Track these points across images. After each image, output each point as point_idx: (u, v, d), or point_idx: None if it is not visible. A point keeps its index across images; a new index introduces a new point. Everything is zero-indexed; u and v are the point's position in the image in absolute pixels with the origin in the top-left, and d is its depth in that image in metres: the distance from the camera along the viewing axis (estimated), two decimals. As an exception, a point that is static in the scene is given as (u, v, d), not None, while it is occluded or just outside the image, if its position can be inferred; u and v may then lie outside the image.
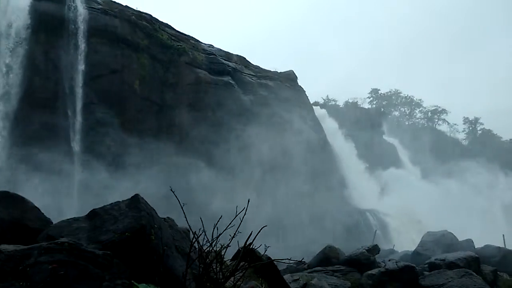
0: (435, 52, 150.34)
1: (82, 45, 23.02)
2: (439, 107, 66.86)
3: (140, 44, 25.86)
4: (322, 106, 49.04)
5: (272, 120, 31.85)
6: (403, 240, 29.33)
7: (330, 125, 40.59)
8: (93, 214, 4.43)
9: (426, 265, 14.39)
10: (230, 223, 2.85)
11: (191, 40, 30.05)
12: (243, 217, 2.95)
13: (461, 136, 68.90)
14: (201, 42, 31.36)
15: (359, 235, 28.10)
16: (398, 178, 41.29)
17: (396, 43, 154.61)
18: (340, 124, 42.95)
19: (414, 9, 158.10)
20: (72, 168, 20.69)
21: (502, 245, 19.51)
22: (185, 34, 30.11)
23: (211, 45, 32.13)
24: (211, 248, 3.09)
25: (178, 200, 3.11)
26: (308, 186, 30.88)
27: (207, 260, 3.10)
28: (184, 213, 3.15)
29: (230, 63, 31.68)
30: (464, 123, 69.37)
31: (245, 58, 33.99)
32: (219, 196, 22.54)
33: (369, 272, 12.58)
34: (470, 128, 69.23)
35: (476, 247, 18.71)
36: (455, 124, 68.42)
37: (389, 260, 13.79)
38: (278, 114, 32.79)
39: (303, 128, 34.06)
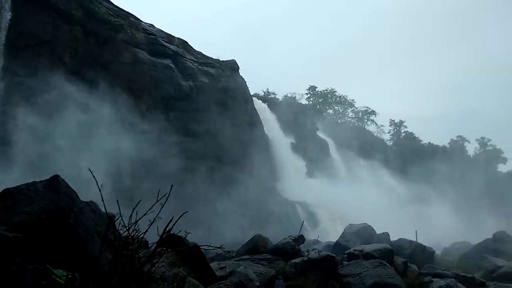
0: (370, 57, 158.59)
1: (6, 11, 20.92)
2: (369, 108, 70.84)
3: (74, 15, 24.11)
4: (262, 98, 49.53)
5: (211, 108, 31.64)
6: (328, 231, 30.89)
7: (268, 117, 41.26)
8: (6, 194, 4.11)
9: (346, 255, 15.31)
10: (150, 209, 2.82)
11: (130, 18, 28.60)
12: (164, 203, 2.92)
13: (386, 137, 73.71)
14: (142, 21, 29.99)
15: (288, 225, 29.08)
16: (328, 172, 43.28)
17: (337, 44, 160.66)
18: (278, 117, 43.85)
19: (360, 14, 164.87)
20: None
21: (414, 239, 21.33)
22: (124, 11, 28.58)
23: (152, 25, 30.86)
24: (128, 233, 3.02)
25: (97, 183, 3.00)
26: (241, 175, 31.25)
27: (126, 245, 3.03)
28: (101, 196, 3.05)
29: (171, 46, 30.74)
30: (390, 125, 74.21)
31: (187, 43, 33.20)
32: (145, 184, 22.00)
33: (293, 260, 13.11)
34: (395, 130, 74.22)
35: (391, 240, 20.31)
36: (382, 126, 73.00)
37: (313, 250, 14.47)
38: (218, 102, 32.65)
39: (242, 118, 34.29)
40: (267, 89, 56.90)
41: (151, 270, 2.95)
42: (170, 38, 31.45)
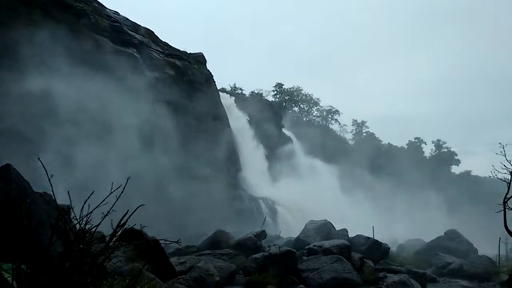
0: (335, 57, 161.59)
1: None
2: (333, 107, 72.37)
3: (33, -3, 22.95)
4: (229, 93, 49.34)
5: (177, 100, 31.13)
6: (290, 227, 31.31)
7: (234, 113, 41.16)
8: (-49, 183, 3.86)
9: (306, 251, 15.61)
10: (104, 200, 2.73)
11: (94, 3, 27.52)
12: (120, 195, 2.84)
13: (349, 136, 75.71)
14: (106, 8, 28.95)
15: (251, 221, 29.23)
16: (291, 170, 43.83)
17: (305, 42, 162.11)
18: (244, 112, 43.86)
19: (326, 15, 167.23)
20: None
21: (371, 236, 22.03)
22: (88, -4, 27.54)
23: (116, 12, 29.85)
24: (80, 226, 2.92)
25: (46, 172, 2.88)
26: (205, 169, 31.02)
27: (78, 238, 2.93)
28: (51, 185, 2.92)
29: (136, 35, 29.87)
30: (352, 125, 76.27)
31: (153, 33, 32.42)
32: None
33: (254, 256, 13.19)
34: (357, 130, 76.38)
35: (349, 236, 20.90)
36: (345, 125, 74.90)
37: (274, 245, 14.62)
38: (185, 95, 32.17)
39: (208, 113, 33.98)
40: (234, 84, 56.72)
41: (104, 264, 2.87)
42: (135, 26, 30.59)
